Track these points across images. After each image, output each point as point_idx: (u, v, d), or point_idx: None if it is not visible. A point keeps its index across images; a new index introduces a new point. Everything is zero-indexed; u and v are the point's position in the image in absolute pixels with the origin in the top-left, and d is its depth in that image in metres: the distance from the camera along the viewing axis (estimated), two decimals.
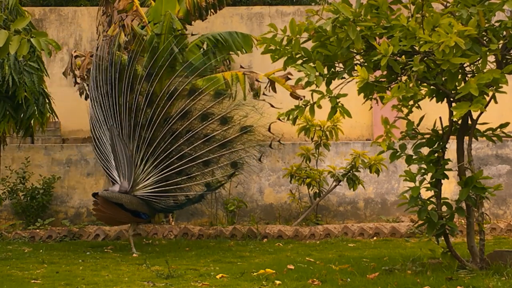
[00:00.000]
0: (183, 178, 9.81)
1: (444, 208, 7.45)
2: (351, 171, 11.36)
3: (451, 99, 7.27)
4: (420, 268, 7.32)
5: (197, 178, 9.88)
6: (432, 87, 7.31)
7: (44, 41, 6.13)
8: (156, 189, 9.70)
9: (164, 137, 9.69)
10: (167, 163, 9.69)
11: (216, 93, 10.20)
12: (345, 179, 11.36)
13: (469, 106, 6.56)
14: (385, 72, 7.09)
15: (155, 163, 9.67)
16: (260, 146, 10.30)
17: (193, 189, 9.94)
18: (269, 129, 10.60)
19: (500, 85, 6.70)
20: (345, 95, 7.02)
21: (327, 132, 11.47)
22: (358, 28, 6.86)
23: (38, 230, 11.21)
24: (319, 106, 7.00)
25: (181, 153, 9.74)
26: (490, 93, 6.89)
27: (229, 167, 10.09)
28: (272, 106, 10.59)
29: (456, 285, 6.50)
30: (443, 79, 6.92)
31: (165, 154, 9.68)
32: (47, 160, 12.15)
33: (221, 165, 9.99)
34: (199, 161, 9.81)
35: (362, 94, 7.04)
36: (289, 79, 11.09)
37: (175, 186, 9.76)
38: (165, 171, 9.70)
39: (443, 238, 7.41)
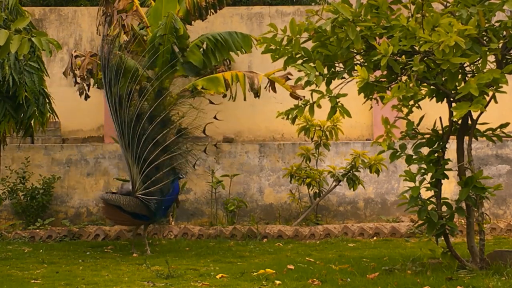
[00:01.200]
0: (149, 182, 9.65)
1: (444, 208, 7.45)
2: (351, 171, 11.35)
3: (451, 99, 7.27)
4: (420, 268, 7.32)
5: (155, 183, 9.67)
6: (432, 87, 7.31)
7: (45, 40, 6.13)
8: (144, 190, 9.67)
9: (134, 140, 9.59)
10: (145, 166, 9.63)
11: (158, 91, 9.95)
12: (345, 179, 11.36)
13: (469, 106, 6.56)
14: (385, 72, 7.10)
15: (139, 165, 9.63)
16: (191, 151, 10.01)
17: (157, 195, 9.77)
18: (203, 131, 10.49)
19: (500, 85, 6.70)
20: (345, 95, 7.02)
21: (327, 132, 11.47)
22: (358, 28, 6.86)
23: (38, 230, 11.21)
24: (319, 106, 7.00)
25: (143, 157, 9.59)
26: (490, 93, 6.89)
27: (171, 174, 9.74)
28: (211, 102, 10.45)
29: (456, 285, 6.50)
30: (443, 79, 6.92)
31: (143, 157, 9.61)
32: (47, 160, 12.15)
33: (164, 170, 9.64)
34: (151, 166, 9.58)
35: (362, 94, 7.05)
36: (289, 79, 11.10)
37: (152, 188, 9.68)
38: (144, 172, 9.63)
39: (443, 238, 7.41)
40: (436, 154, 7.44)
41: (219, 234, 10.97)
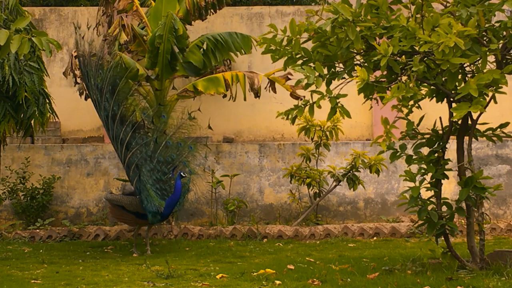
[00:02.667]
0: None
1: (444, 208, 7.45)
2: (351, 171, 11.36)
3: (451, 99, 7.27)
4: (420, 268, 7.32)
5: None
6: (432, 87, 7.31)
7: (45, 40, 6.13)
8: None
9: (123, 142, 9.62)
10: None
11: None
12: (345, 179, 11.36)
13: (468, 107, 6.56)
14: (385, 72, 7.10)
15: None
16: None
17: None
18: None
19: (499, 85, 6.70)
20: (345, 95, 7.03)
21: (327, 132, 11.47)
22: (358, 29, 6.87)
23: (38, 230, 11.20)
24: (319, 106, 7.01)
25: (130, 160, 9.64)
26: (490, 94, 6.89)
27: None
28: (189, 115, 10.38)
29: (456, 285, 6.50)
30: (443, 79, 6.92)
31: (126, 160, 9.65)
32: (47, 160, 12.15)
33: (132, 168, 9.67)
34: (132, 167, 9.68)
35: (362, 94, 7.05)
36: (289, 79, 11.11)
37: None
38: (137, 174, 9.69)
39: (443, 238, 7.41)
40: (436, 154, 7.44)
41: (219, 234, 10.97)
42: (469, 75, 7.21)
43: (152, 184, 9.68)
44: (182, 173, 9.60)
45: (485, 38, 6.99)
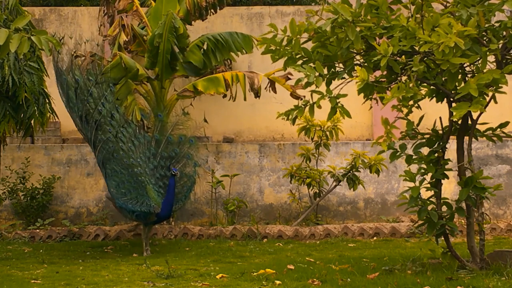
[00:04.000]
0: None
1: (444, 208, 7.45)
2: (351, 171, 11.36)
3: (451, 99, 7.27)
4: (420, 268, 7.32)
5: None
6: (432, 87, 7.31)
7: (45, 39, 6.12)
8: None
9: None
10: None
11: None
12: (345, 179, 11.36)
13: (468, 107, 6.56)
14: (385, 72, 7.10)
15: None
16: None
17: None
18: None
19: (499, 85, 6.70)
20: (345, 95, 7.02)
21: (327, 132, 11.47)
22: (358, 29, 6.86)
23: (38, 230, 11.20)
24: (319, 106, 7.00)
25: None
26: (490, 93, 6.89)
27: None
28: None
29: (456, 285, 6.50)
30: (443, 79, 6.92)
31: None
32: (47, 160, 12.15)
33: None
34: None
35: (362, 94, 7.05)
36: (289, 79, 11.11)
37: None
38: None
39: (443, 238, 7.41)
40: (436, 154, 7.44)
41: (219, 234, 10.97)
42: (469, 75, 7.20)
43: (155, 183, 9.65)
44: (173, 170, 9.42)
45: (485, 38, 6.98)
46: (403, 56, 6.66)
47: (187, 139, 10.19)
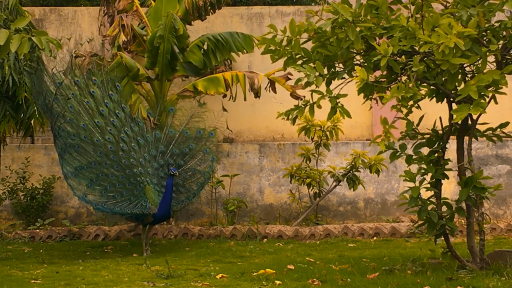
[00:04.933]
0: None
1: (444, 208, 7.45)
2: (351, 171, 11.36)
3: (451, 99, 7.27)
4: (420, 268, 7.32)
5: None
6: (432, 87, 7.31)
7: (45, 39, 6.13)
8: None
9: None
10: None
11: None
12: (345, 179, 11.36)
13: (469, 109, 6.55)
14: (385, 72, 7.10)
15: None
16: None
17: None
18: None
19: (499, 86, 6.69)
20: (345, 95, 7.02)
21: (327, 132, 11.47)
22: (358, 29, 6.86)
23: (38, 230, 11.21)
24: (319, 106, 7.00)
25: None
26: (490, 94, 6.89)
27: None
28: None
29: (456, 285, 6.50)
30: (443, 79, 6.92)
31: None
32: (47, 160, 12.14)
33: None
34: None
35: (362, 94, 7.05)
36: (289, 79, 11.11)
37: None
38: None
39: (443, 238, 7.41)
40: (436, 154, 7.44)
41: (219, 234, 10.97)
42: (469, 76, 7.20)
43: (157, 183, 9.62)
44: (172, 170, 9.32)
45: (485, 39, 6.98)
46: (403, 56, 6.66)
47: (207, 132, 10.02)
